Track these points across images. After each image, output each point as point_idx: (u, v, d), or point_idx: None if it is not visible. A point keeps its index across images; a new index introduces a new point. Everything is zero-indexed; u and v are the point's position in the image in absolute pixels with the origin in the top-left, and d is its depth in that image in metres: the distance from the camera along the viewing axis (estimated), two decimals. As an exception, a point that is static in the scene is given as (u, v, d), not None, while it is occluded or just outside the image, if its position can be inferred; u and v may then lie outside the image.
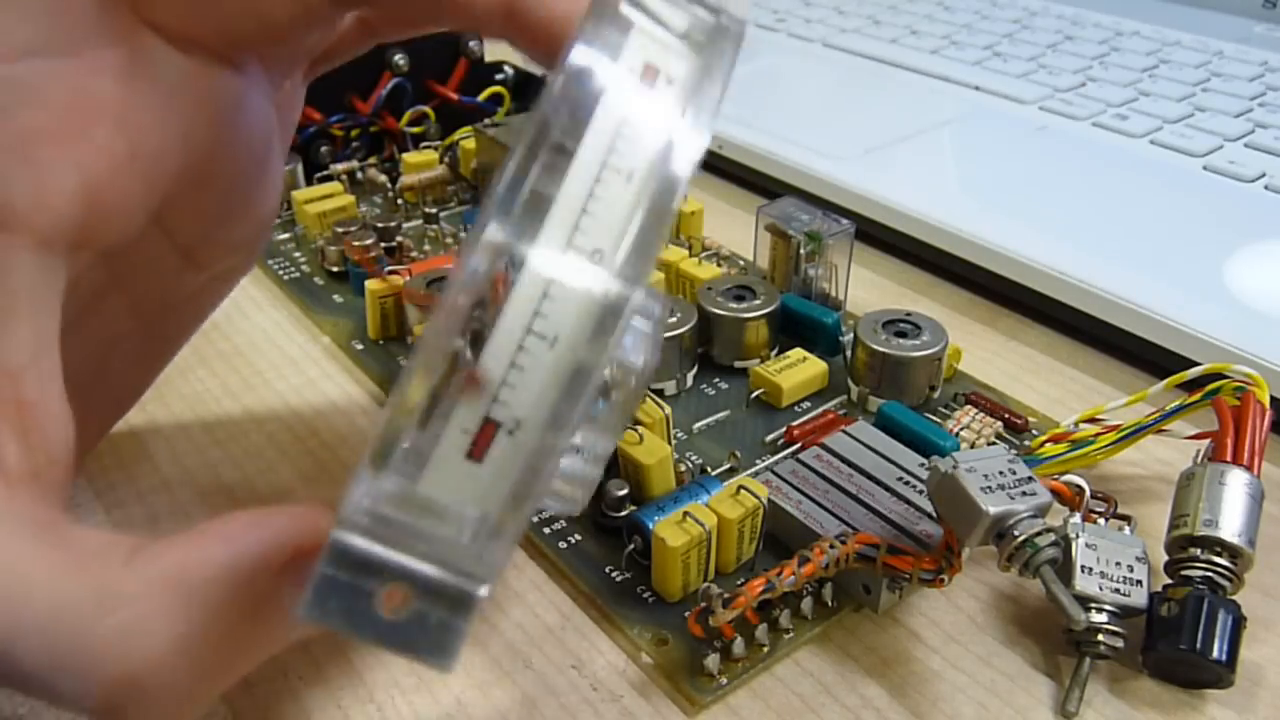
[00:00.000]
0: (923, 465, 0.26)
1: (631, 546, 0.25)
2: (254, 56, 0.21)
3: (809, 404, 0.31)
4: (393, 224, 0.38)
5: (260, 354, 0.34)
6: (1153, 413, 0.27)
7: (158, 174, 0.19)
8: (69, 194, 0.17)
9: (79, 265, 0.18)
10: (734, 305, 0.32)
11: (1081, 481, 0.25)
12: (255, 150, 0.22)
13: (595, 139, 0.14)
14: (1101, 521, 0.25)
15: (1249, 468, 0.24)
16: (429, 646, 0.14)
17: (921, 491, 0.26)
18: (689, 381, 0.32)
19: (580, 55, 0.15)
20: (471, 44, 0.46)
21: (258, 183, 0.23)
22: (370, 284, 0.34)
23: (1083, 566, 0.23)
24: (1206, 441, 0.26)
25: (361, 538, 0.14)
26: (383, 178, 0.44)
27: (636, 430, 0.27)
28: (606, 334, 0.14)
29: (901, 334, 0.31)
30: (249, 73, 0.21)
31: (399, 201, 0.42)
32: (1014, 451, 0.23)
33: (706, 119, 0.15)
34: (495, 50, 0.47)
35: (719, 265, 0.36)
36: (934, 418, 0.30)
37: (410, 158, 0.43)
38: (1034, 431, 0.30)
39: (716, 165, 0.47)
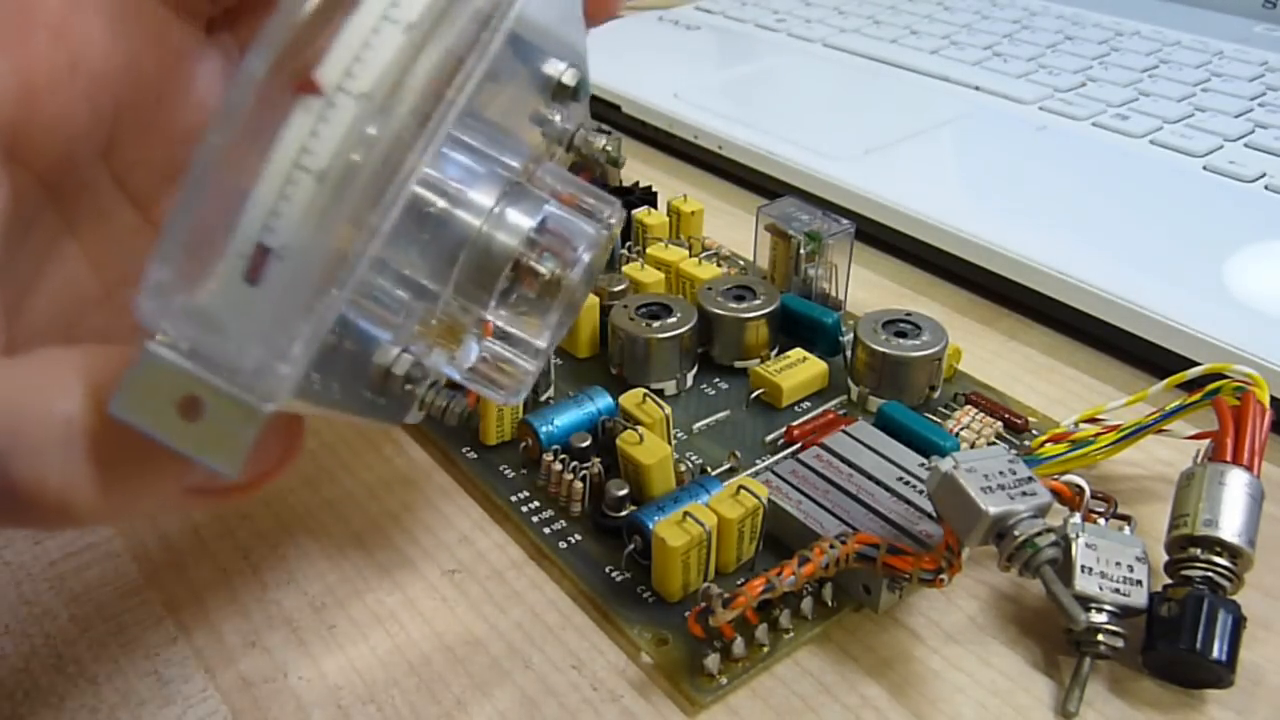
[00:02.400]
0: (923, 465, 0.27)
1: (631, 546, 0.25)
2: (223, 23, 0.22)
3: (809, 404, 0.31)
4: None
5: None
6: (1153, 413, 0.27)
7: (100, 96, 0.19)
8: (3, 92, 0.18)
9: (21, 183, 0.18)
10: (734, 305, 0.32)
11: (1081, 481, 0.25)
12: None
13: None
14: (1101, 521, 0.25)
15: (1249, 468, 0.24)
16: (215, 452, 0.15)
17: (921, 491, 0.26)
18: (689, 381, 0.32)
19: None
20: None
21: None
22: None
23: (1083, 566, 0.23)
24: (1206, 441, 0.26)
25: (165, 349, 0.15)
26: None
27: (636, 430, 0.27)
28: (369, 170, 0.15)
29: (901, 334, 0.31)
30: (216, 37, 0.21)
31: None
32: (1014, 451, 0.23)
33: None
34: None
35: (719, 265, 0.36)
36: (934, 418, 0.30)
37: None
38: (1034, 431, 0.30)
39: (716, 165, 0.47)
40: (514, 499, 0.28)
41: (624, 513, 0.26)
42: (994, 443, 0.29)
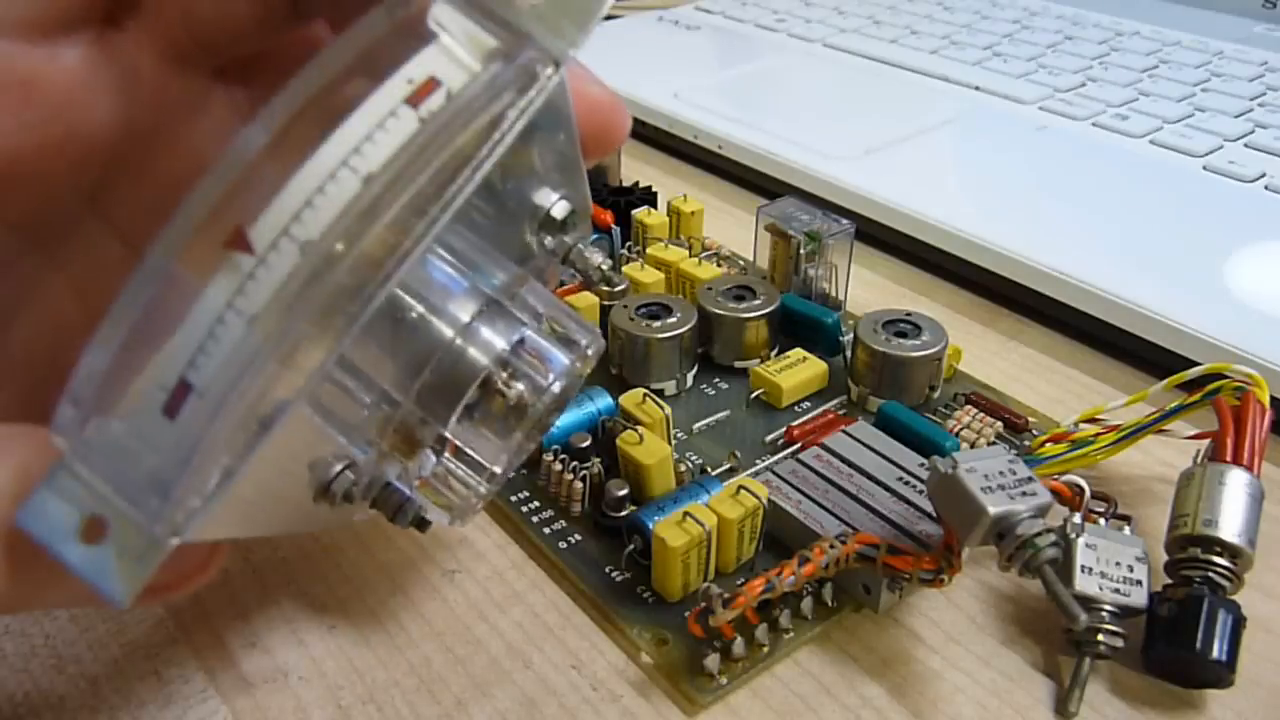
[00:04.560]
0: (923, 465, 0.26)
1: (631, 546, 0.25)
2: (231, 66, 0.21)
3: (809, 404, 0.31)
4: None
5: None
6: (1153, 413, 0.27)
7: (90, 154, 0.19)
8: None
9: None
10: (734, 305, 0.32)
11: (1081, 481, 0.25)
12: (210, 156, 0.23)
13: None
14: (1101, 521, 0.25)
15: (1249, 468, 0.24)
16: (110, 579, 0.15)
17: (921, 491, 0.26)
18: (689, 381, 0.32)
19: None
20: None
21: None
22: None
23: (1083, 566, 0.23)
24: (1206, 441, 0.26)
25: (78, 465, 0.15)
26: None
27: (636, 430, 0.27)
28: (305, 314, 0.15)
29: (901, 334, 0.31)
30: (227, 86, 0.21)
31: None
32: (1014, 451, 0.23)
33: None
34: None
35: (719, 265, 0.36)
36: (934, 418, 0.30)
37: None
38: (1034, 431, 0.30)
39: (716, 165, 0.47)
40: (514, 499, 0.28)
41: (624, 513, 0.26)
42: (994, 443, 0.29)
